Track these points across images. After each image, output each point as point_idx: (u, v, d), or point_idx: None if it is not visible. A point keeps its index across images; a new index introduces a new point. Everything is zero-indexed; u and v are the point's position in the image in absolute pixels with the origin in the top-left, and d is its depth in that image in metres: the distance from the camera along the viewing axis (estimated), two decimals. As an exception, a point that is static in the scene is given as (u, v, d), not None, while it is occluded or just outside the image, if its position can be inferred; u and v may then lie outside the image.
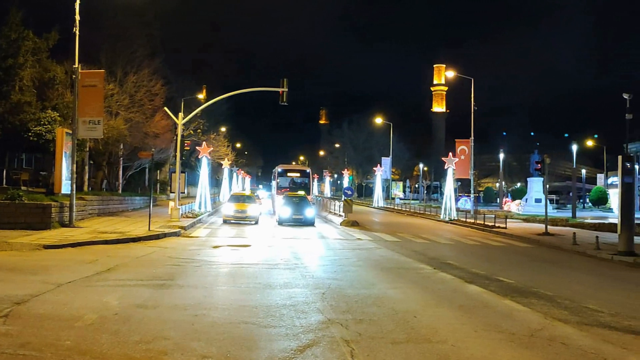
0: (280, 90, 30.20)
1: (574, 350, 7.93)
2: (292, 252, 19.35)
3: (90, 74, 25.27)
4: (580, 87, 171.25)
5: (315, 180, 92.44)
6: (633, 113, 23.44)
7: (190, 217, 31.82)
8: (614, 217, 29.22)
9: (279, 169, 45.11)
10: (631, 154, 35.56)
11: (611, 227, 30.38)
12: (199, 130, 52.72)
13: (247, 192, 48.14)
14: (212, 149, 46.32)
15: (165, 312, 9.53)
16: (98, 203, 31.27)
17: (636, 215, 27.43)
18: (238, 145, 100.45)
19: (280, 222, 31.84)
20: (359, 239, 24.97)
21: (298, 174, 44.76)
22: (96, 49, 35.47)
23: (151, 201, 26.66)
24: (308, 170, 46.24)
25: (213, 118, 63.80)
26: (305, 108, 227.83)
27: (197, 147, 41.35)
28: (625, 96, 22.56)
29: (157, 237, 21.98)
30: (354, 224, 32.50)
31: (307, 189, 41.62)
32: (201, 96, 39.18)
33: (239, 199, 33.91)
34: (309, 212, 32.26)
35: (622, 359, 7.60)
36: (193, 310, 9.66)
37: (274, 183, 45.16)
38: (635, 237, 21.30)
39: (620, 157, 21.98)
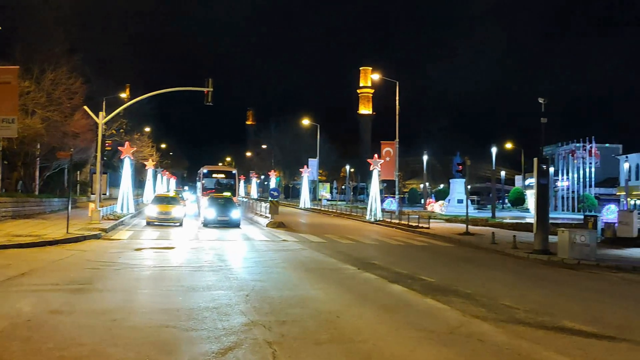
0: (205, 90, 29.76)
1: (490, 347, 8.18)
2: (217, 254, 19.12)
3: (4, 70, 24.12)
4: (501, 91, 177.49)
5: (242, 181, 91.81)
6: (548, 117, 24.38)
7: (112, 219, 30.93)
8: (531, 217, 30.35)
9: (204, 170, 44.51)
10: (546, 157, 37.13)
11: (528, 227, 31.53)
12: (121, 130, 51.37)
13: (172, 193, 47.20)
14: (135, 149, 45.22)
15: (81, 318, 9.22)
16: (12, 205, 29.93)
17: (551, 215, 28.66)
18: (163, 145, 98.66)
19: (206, 224, 31.41)
20: (284, 240, 24.95)
21: (224, 175, 44.27)
22: (11, 45, 33.99)
23: (69, 202, 25.74)
24: (234, 172, 45.84)
25: (137, 118, 62.41)
26: (232, 109, 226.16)
27: (119, 148, 40.26)
28: (541, 100, 23.52)
29: (76, 240, 21.24)
30: (280, 225, 32.46)
31: (233, 191, 41.22)
32: (124, 95, 38.40)
33: (163, 200, 33.24)
34: (235, 213, 31.97)
35: (534, 354, 7.88)
36: (111, 315, 9.38)
37: (199, 184, 44.51)
38: (550, 236, 22.21)
39: (535, 160, 22.87)
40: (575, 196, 75.53)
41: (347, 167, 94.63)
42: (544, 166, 22.98)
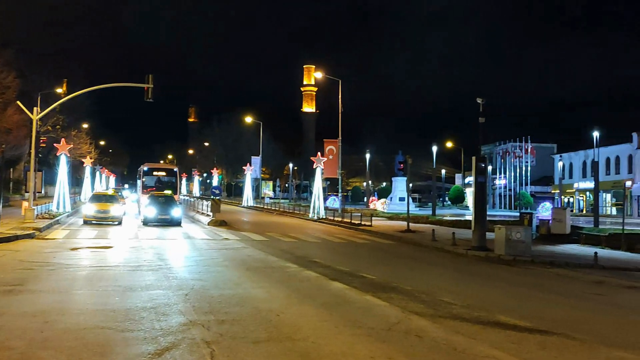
0: (145, 86, 29.16)
1: (427, 342, 8.30)
2: (157, 253, 18.79)
3: None
4: (445, 91, 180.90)
5: (184, 179, 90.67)
6: (486, 117, 24.89)
7: (47, 218, 29.98)
8: (470, 214, 31.03)
9: (144, 167, 43.68)
10: (484, 156, 38.01)
11: (467, 224, 32.20)
12: (58, 127, 49.92)
13: (111, 191, 46.10)
14: (72, 146, 44.03)
15: (11, 320, 8.89)
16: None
17: (489, 213, 29.33)
18: (102, 142, 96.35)
19: (146, 223, 30.83)
20: (226, 238, 24.73)
21: (164, 173, 43.59)
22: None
23: (1, 201, 24.80)
24: (175, 169, 45.20)
25: (75, 114, 60.78)
26: (175, 106, 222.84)
27: (55, 144, 39.04)
28: (479, 100, 23.99)
29: (8, 239, 20.48)
30: (222, 223, 32.16)
31: (175, 188, 40.63)
32: (61, 90, 37.15)
33: (101, 198, 32.42)
34: (176, 211, 31.50)
35: (470, 349, 8.03)
36: (43, 317, 9.07)
37: (139, 182, 43.64)
38: (488, 233, 22.74)
39: (474, 158, 23.38)
40: (512, 194, 77.66)
41: (291, 165, 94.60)
42: (482, 165, 23.50)
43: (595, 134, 51.08)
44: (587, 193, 66.34)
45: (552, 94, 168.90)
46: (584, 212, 64.07)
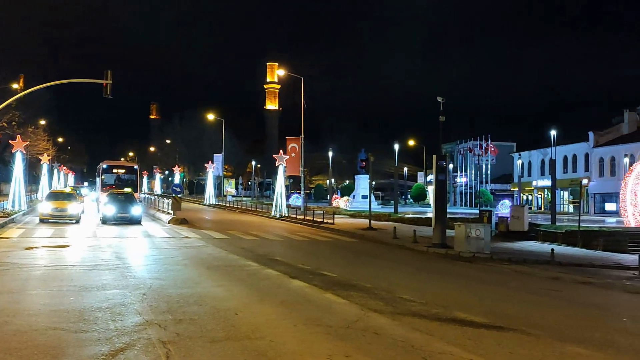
0: (104, 82, 28.61)
1: (385, 339, 8.32)
2: (115, 251, 18.48)
3: None
4: (406, 89, 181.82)
5: (145, 177, 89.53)
6: (447, 116, 25.18)
7: (1, 217, 29.23)
8: (431, 212, 31.38)
9: (103, 165, 43.04)
10: (445, 154, 38.45)
11: (428, 222, 32.47)
12: (13, 123, 48.59)
13: (68, 189, 45.20)
14: (28, 142, 43.03)
15: (-41, 322, 8.61)
16: None
17: (450, 210, 29.64)
18: (60, 139, 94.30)
19: (105, 221, 30.31)
20: (186, 237, 24.46)
21: (124, 171, 43.04)
22: None
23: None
24: (136, 167, 44.64)
25: (32, 110, 59.28)
26: (136, 103, 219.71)
27: (10, 141, 38.07)
28: (439, 99, 24.26)
29: (-40, 239, 19.92)
30: (182, 222, 31.84)
31: (135, 186, 40.13)
32: (17, 86, 36.37)
33: (58, 196, 31.76)
34: (136, 210, 31.06)
35: (427, 345, 8.08)
36: (-7, 319, 8.82)
37: (98, 180, 42.97)
38: (448, 231, 22.98)
39: (434, 157, 23.59)
40: (473, 192, 78.71)
41: (253, 162, 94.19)
42: (443, 163, 23.74)
43: (553, 133, 52.05)
44: (545, 191, 67.58)
45: (510, 92, 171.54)
46: (542, 209, 65.24)
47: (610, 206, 56.62)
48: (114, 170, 42.68)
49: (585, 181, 57.19)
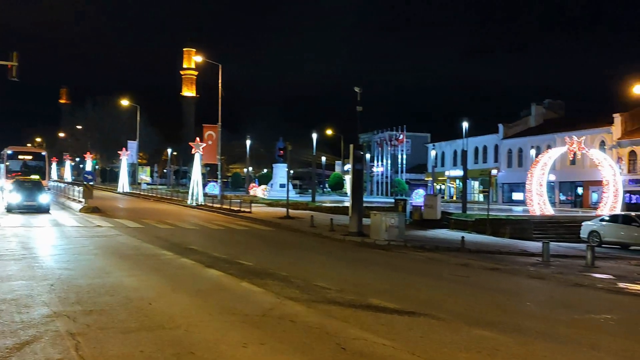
0: (9, 64, 27.20)
1: (300, 326, 8.38)
2: (21, 241, 17.68)
3: None
4: (326, 80, 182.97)
5: (54, 164, 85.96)
6: (364, 106, 25.49)
7: None
8: (349, 201, 31.86)
9: (8, 151, 41.15)
10: (363, 144, 39.00)
11: (345, 210, 32.94)
12: None
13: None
14: None
15: None
16: None
17: (367, 199, 30.10)
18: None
19: (10, 209, 28.93)
20: (98, 225, 23.72)
21: (31, 157, 41.36)
22: None
23: None
24: (44, 153, 42.96)
25: None
26: (45, 86, 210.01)
27: None
28: (356, 89, 24.55)
29: None
30: (94, 210, 30.85)
31: (43, 173, 38.57)
32: None
33: (-42, 184, 30.07)
34: (44, 198, 29.83)
35: (342, 331, 8.20)
36: None
37: (3, 166, 41.01)
38: (364, 219, 23.38)
39: (351, 146, 23.91)
40: (389, 181, 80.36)
41: (169, 150, 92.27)
42: (360, 152, 24.11)
43: (465, 125, 53.78)
44: (457, 180, 69.87)
45: (430, 84, 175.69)
46: (455, 198, 67.46)
47: (517, 195, 59.27)
48: (20, 157, 40.93)
49: (494, 171, 59.65)
